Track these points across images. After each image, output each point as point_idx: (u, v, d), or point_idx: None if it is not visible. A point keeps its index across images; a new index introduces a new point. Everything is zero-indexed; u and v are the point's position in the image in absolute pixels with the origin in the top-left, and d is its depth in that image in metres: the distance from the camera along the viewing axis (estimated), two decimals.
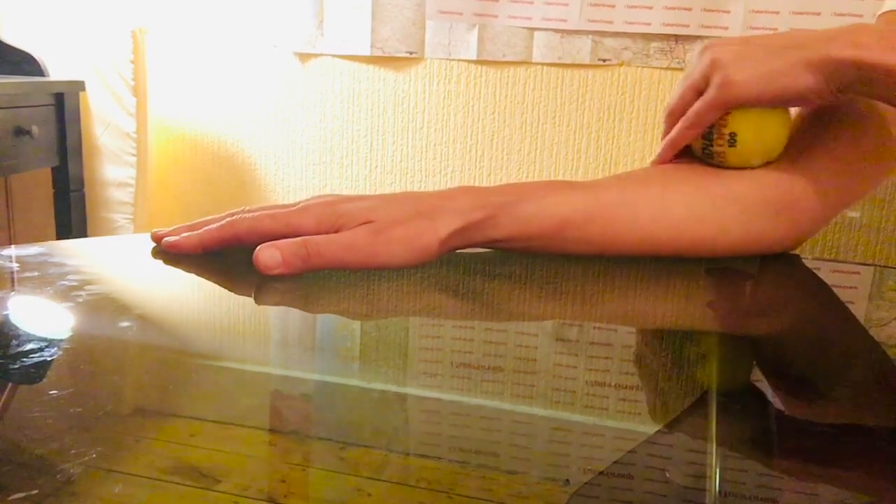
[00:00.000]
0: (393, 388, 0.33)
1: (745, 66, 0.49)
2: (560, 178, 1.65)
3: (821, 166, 0.54)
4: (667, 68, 1.56)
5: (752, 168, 0.53)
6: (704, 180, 0.52)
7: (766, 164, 0.53)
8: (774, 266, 0.54)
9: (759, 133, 0.51)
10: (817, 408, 0.33)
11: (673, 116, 0.54)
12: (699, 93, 0.51)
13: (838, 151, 0.54)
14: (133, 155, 1.77)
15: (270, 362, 0.36)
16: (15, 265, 0.46)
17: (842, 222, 1.50)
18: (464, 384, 0.34)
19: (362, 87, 1.72)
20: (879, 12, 0.56)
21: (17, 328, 0.37)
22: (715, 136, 0.52)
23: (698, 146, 0.53)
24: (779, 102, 0.50)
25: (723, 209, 0.51)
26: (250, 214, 0.47)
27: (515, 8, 1.58)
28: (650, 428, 0.30)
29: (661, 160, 0.56)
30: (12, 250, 0.49)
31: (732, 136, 0.51)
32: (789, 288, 0.53)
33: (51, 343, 0.34)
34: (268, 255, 0.44)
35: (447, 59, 1.65)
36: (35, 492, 0.23)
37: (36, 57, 1.68)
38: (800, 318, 0.47)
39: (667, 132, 0.54)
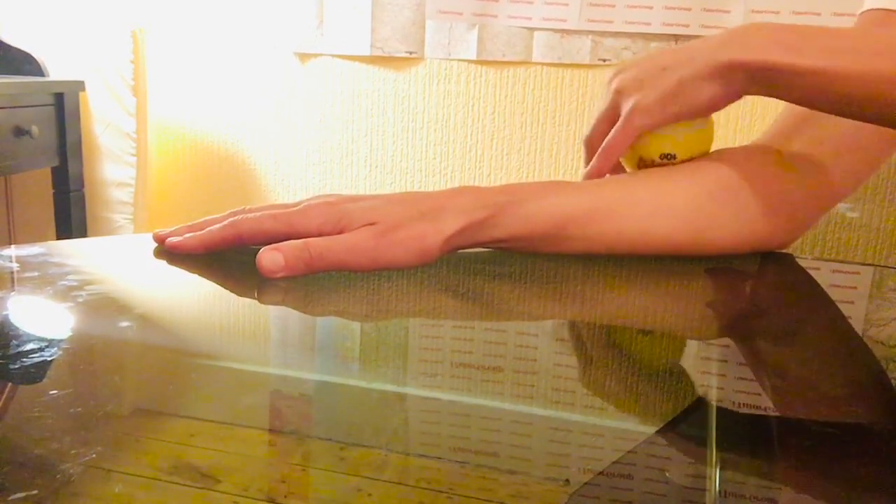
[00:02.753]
0: (393, 388, 0.33)
1: (647, 93, 0.50)
2: (560, 178, 1.65)
3: (814, 158, 0.54)
4: None
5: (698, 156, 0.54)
6: (700, 174, 0.52)
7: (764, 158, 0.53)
8: (773, 266, 0.54)
9: (680, 140, 0.53)
10: (817, 408, 0.33)
11: (590, 146, 0.55)
12: (612, 122, 0.53)
13: (831, 142, 0.54)
14: (133, 155, 1.77)
15: (271, 362, 0.36)
16: (15, 265, 0.46)
17: (841, 222, 1.50)
18: (464, 384, 0.34)
19: (362, 87, 1.72)
20: (860, 11, 0.56)
21: (17, 328, 0.37)
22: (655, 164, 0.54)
23: None
24: (686, 117, 0.51)
25: (718, 201, 0.52)
26: (252, 215, 0.47)
27: (515, 8, 1.58)
28: (650, 428, 0.30)
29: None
30: (12, 250, 0.49)
31: (666, 156, 0.53)
32: (788, 288, 0.53)
33: (51, 343, 0.34)
34: (270, 258, 0.44)
35: (447, 58, 1.65)
36: (35, 492, 0.23)
37: (36, 57, 1.68)
38: (798, 318, 0.47)
39: (587, 160, 0.56)
